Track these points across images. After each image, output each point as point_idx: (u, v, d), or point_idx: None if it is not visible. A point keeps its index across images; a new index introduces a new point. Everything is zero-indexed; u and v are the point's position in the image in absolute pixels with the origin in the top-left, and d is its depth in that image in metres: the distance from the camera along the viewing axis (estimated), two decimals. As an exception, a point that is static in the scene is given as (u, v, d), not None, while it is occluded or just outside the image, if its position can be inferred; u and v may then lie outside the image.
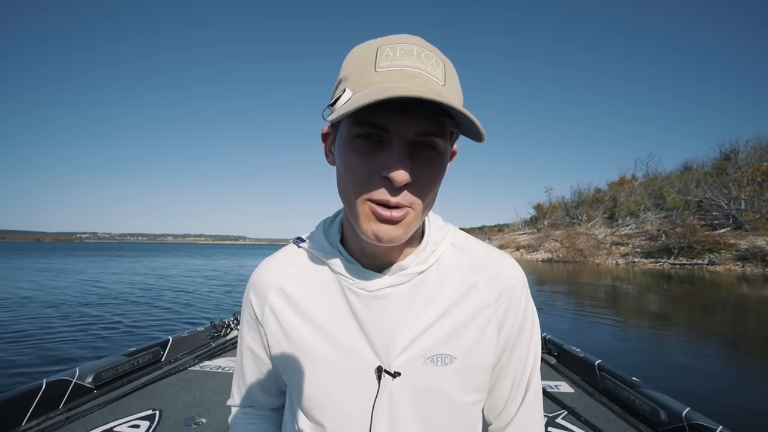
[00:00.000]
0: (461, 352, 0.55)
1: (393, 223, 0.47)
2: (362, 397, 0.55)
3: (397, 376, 0.54)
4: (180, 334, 3.26)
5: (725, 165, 38.14)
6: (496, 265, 0.59)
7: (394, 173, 0.44)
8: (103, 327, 7.16)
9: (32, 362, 4.91)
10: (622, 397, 2.32)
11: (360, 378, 0.55)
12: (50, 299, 10.45)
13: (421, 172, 0.47)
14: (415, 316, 0.55)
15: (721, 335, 7.42)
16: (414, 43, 0.46)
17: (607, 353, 5.68)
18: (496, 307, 0.57)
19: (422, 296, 0.56)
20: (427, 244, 0.58)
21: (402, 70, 0.44)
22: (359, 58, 0.47)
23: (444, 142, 0.48)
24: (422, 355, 0.54)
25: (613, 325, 8.23)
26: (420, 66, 0.44)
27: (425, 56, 0.45)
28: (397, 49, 0.45)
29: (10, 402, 1.96)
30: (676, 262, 28.44)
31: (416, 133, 0.45)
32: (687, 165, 46.52)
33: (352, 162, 0.47)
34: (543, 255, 39.90)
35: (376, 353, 0.54)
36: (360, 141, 0.46)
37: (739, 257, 25.58)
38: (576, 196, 54.05)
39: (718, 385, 4.63)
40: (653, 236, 33.71)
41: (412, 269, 0.56)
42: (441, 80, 0.45)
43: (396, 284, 0.55)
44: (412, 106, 0.43)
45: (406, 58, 0.44)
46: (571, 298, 12.65)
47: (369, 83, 0.44)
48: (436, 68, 0.45)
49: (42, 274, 18.34)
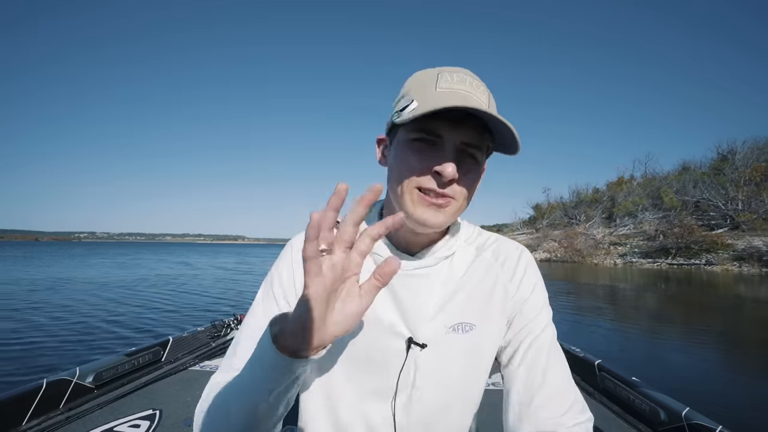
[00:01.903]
0: (479, 318, 0.65)
1: (438, 209, 0.57)
2: (390, 365, 0.62)
3: (425, 347, 0.62)
4: (180, 333, 3.26)
5: (722, 165, 38.34)
6: (503, 243, 0.72)
7: (444, 167, 0.54)
8: (118, 326, 7.15)
9: (32, 362, 4.90)
10: (622, 396, 2.32)
11: (392, 346, 0.62)
12: (51, 299, 10.40)
13: (464, 174, 0.57)
14: (440, 293, 0.64)
15: (720, 335, 7.44)
16: (467, 74, 0.58)
17: (606, 353, 5.70)
18: (505, 275, 0.68)
19: (446, 276, 0.65)
20: (452, 234, 0.68)
21: (457, 92, 0.55)
22: (422, 80, 0.58)
23: (482, 155, 0.59)
24: (445, 325, 0.63)
25: (611, 325, 8.26)
26: (471, 91, 0.56)
27: (476, 85, 0.57)
28: (455, 76, 0.57)
29: (10, 402, 1.95)
30: (673, 262, 28.56)
31: (462, 141, 0.56)
32: (685, 165, 46.76)
33: (409, 159, 0.57)
34: (541, 255, 39.97)
35: (407, 325, 0.62)
36: (417, 143, 0.57)
37: (736, 257, 25.72)
38: (574, 196, 54.23)
39: (718, 385, 4.65)
40: (651, 236, 33.84)
41: (440, 254, 0.65)
42: (486, 104, 0.56)
43: (427, 266, 0.64)
44: (462, 119, 0.54)
45: (462, 84, 0.56)
46: (570, 297, 12.68)
47: (430, 98, 0.54)
48: (483, 95, 0.57)
49: (46, 272, 18.40)
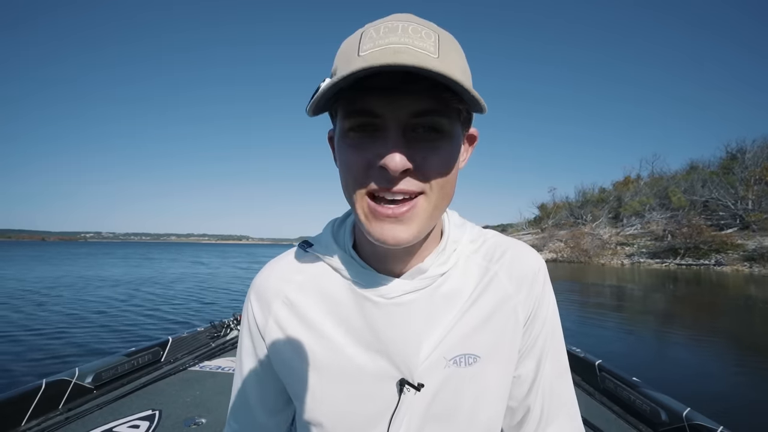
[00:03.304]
0: (485, 350, 0.51)
1: (396, 222, 0.42)
2: (380, 413, 0.50)
3: (421, 387, 0.49)
4: (180, 334, 3.28)
5: (732, 165, 37.79)
6: (515, 252, 0.55)
7: (387, 160, 0.39)
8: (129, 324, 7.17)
9: (32, 362, 4.93)
10: (623, 397, 2.30)
11: (378, 393, 0.50)
12: (50, 299, 10.51)
13: (425, 156, 0.42)
14: (437, 320, 0.50)
15: (726, 336, 7.34)
16: (400, 20, 0.41)
17: (611, 353, 5.64)
18: (517, 296, 0.53)
19: (443, 298, 0.51)
20: (447, 243, 0.53)
21: (385, 48, 0.38)
22: (345, 48, 0.43)
23: (449, 122, 0.42)
24: (444, 357, 0.50)
25: (619, 325, 8.17)
26: (406, 41, 0.39)
27: (412, 30, 0.40)
28: (381, 29, 0.40)
29: (9, 402, 1.97)
30: (682, 262, 28.21)
31: (410, 113, 0.40)
32: (693, 165, 46.22)
33: (347, 156, 0.43)
34: (547, 255, 39.68)
35: (395, 365, 0.49)
36: (353, 134, 0.43)
37: (747, 258, 25.34)
38: (580, 196, 53.81)
39: (719, 385, 4.60)
40: (659, 236, 33.48)
41: (433, 271, 0.51)
42: (434, 53, 0.39)
43: (417, 289, 0.50)
44: (400, 85, 0.39)
45: (390, 35, 0.39)
46: (577, 297, 12.56)
47: (352, 68, 0.38)
48: (427, 40, 0.39)
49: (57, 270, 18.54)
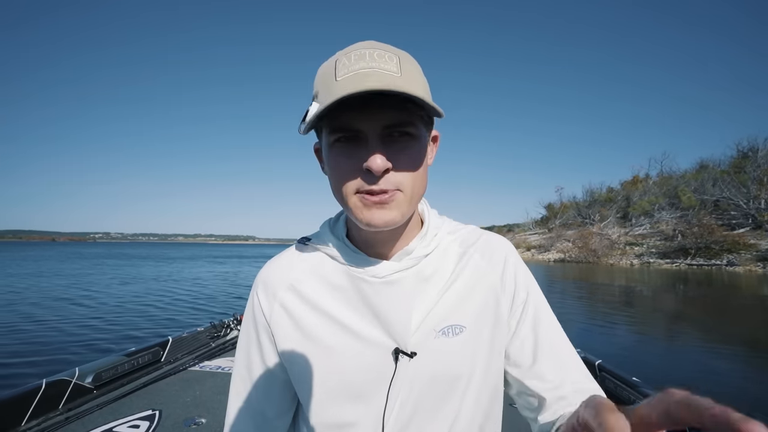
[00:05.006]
0: (470, 321, 0.59)
1: (381, 207, 0.52)
2: (380, 380, 0.57)
3: (414, 356, 0.57)
4: (180, 334, 3.30)
5: (743, 163, 37.14)
6: (485, 237, 0.67)
7: (370, 162, 0.49)
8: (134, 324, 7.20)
9: (32, 362, 4.98)
10: (623, 397, 2.27)
11: (378, 362, 0.57)
12: (50, 299, 10.61)
13: (399, 157, 0.52)
14: (425, 296, 0.59)
15: (738, 338, 7.22)
16: (366, 47, 0.52)
17: (616, 355, 5.58)
18: (494, 271, 0.63)
19: (428, 276, 0.60)
20: (428, 229, 0.62)
21: (356, 73, 0.49)
22: (323, 74, 0.53)
23: (416, 128, 0.53)
24: (434, 329, 0.58)
25: (626, 326, 8.07)
26: (373, 65, 0.49)
27: (377, 55, 0.51)
28: (351, 56, 0.51)
29: (9, 402, 1.99)
30: (693, 262, 27.78)
31: (384, 125, 0.50)
32: (703, 164, 45.51)
33: (337, 163, 0.53)
34: (555, 255, 39.38)
35: (391, 336, 0.57)
36: (339, 144, 0.52)
37: (760, 258, 24.90)
38: (588, 195, 53.35)
39: (721, 386, 4.53)
40: (669, 236, 33.03)
41: (417, 252, 0.60)
42: (396, 72, 0.50)
43: (404, 268, 0.59)
44: (373, 102, 0.49)
45: (360, 62, 0.50)
46: (584, 297, 12.44)
47: (332, 93, 0.48)
48: (390, 63, 0.50)
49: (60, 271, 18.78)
